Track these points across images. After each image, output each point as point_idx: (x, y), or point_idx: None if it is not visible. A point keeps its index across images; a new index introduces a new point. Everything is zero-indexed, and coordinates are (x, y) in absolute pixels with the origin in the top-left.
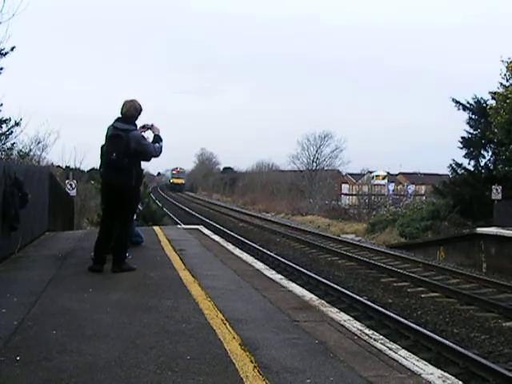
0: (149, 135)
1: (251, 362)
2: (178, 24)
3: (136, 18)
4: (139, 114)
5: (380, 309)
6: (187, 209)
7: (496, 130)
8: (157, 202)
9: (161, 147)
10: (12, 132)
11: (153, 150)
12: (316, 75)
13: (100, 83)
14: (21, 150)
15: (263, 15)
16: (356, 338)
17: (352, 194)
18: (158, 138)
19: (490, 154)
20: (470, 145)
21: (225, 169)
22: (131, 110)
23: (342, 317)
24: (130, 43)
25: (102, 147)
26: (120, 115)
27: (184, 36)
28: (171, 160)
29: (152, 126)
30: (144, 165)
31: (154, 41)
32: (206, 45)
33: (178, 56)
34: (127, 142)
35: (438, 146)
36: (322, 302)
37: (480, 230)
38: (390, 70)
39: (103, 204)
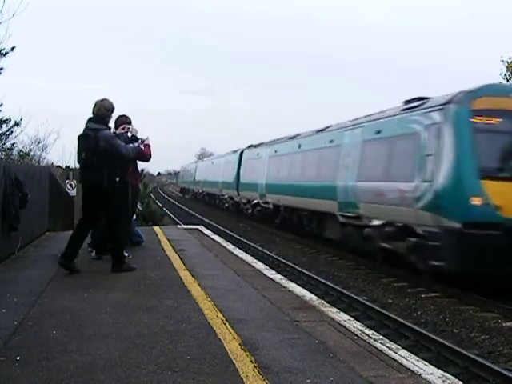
0: (148, 139)
1: (251, 362)
2: (179, 24)
3: (137, 18)
4: (111, 113)
5: (380, 309)
6: (187, 208)
7: None
8: (157, 201)
9: (135, 148)
10: (12, 132)
11: (124, 149)
12: (317, 75)
13: (100, 83)
14: (21, 150)
15: (264, 15)
16: (356, 338)
17: None
18: (134, 139)
19: None
20: None
21: None
22: (101, 110)
23: (342, 317)
24: (131, 43)
25: None
26: (92, 115)
27: (185, 36)
28: (171, 160)
29: (130, 127)
30: (144, 165)
31: (156, 41)
32: (207, 45)
33: (178, 56)
34: (96, 141)
35: None
36: (322, 301)
37: None
38: (390, 69)
39: (82, 204)
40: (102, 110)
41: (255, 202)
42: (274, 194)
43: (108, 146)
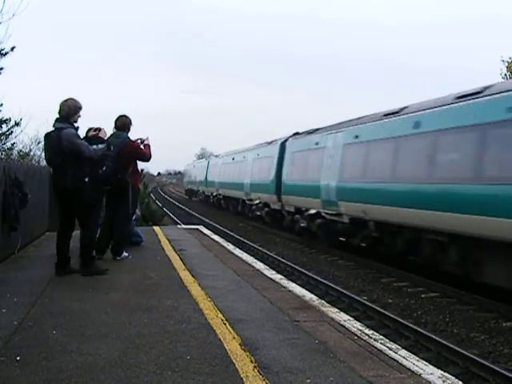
0: (148, 139)
1: (251, 362)
2: (179, 24)
3: (137, 18)
4: (75, 111)
5: (380, 309)
6: (187, 208)
7: None
8: (157, 201)
9: (100, 149)
10: (12, 132)
11: (85, 149)
12: (318, 74)
13: (100, 83)
14: (21, 150)
15: (264, 15)
16: (356, 338)
17: None
18: (99, 141)
19: None
20: None
21: None
22: (64, 109)
23: (342, 317)
24: (131, 43)
25: None
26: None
27: (185, 36)
28: (171, 160)
29: (100, 129)
30: (144, 165)
31: (156, 41)
32: (207, 45)
33: (178, 56)
34: (59, 140)
35: None
36: (322, 301)
37: None
38: (392, 69)
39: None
40: (66, 110)
41: (313, 212)
42: (355, 201)
43: (70, 145)
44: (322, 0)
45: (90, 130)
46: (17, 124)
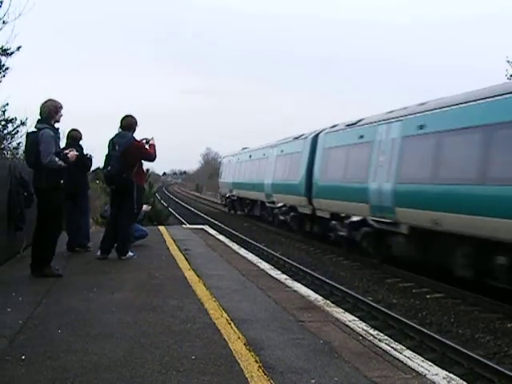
0: (153, 139)
1: (256, 362)
2: (179, 24)
3: (136, 18)
4: (55, 112)
5: (385, 309)
6: (192, 208)
7: None
8: (162, 201)
9: (57, 164)
10: (18, 131)
11: (45, 154)
12: (319, 74)
13: (101, 83)
14: None
15: (266, 15)
16: (361, 338)
17: None
18: (63, 158)
19: None
20: None
21: None
22: (45, 111)
23: (347, 317)
24: (132, 44)
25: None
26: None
27: (188, 36)
28: (175, 160)
29: (70, 150)
30: (149, 165)
31: (157, 41)
32: (210, 44)
33: (182, 55)
34: (36, 140)
35: None
36: (327, 302)
37: None
38: (392, 69)
39: None
40: (46, 111)
41: None
42: None
43: (40, 145)
44: (322, 0)
45: (72, 130)
46: (22, 123)
